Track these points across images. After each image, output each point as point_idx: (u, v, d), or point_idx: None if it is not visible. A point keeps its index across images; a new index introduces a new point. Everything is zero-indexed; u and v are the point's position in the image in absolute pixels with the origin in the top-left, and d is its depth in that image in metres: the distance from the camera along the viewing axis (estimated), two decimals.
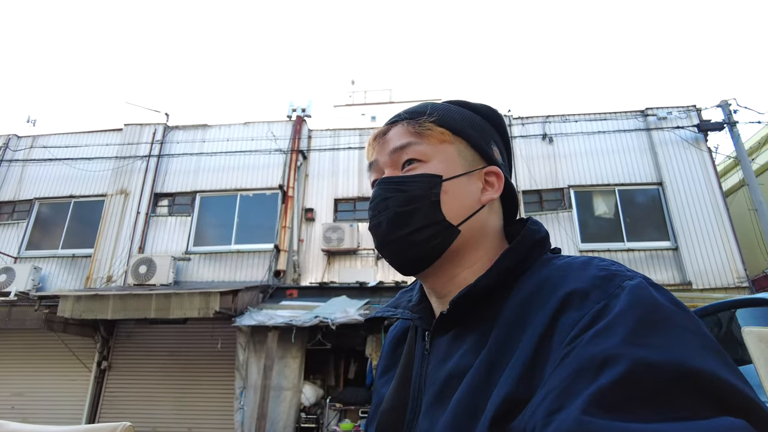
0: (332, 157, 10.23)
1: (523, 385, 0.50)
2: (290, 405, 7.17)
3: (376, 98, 16.77)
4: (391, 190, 0.70)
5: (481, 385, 0.56)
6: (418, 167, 0.71)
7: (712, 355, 0.43)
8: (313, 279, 9.12)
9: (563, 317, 0.51)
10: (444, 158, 0.71)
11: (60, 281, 9.56)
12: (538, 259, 0.66)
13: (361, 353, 7.61)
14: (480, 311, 0.64)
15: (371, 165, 0.78)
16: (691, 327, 0.46)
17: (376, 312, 0.85)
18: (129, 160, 10.31)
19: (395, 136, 0.74)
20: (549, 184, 9.48)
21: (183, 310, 7.10)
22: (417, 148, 0.72)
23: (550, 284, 0.57)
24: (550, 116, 9.99)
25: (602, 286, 0.52)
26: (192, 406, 8.47)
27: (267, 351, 7.11)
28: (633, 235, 8.96)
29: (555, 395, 0.44)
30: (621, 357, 0.43)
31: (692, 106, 9.62)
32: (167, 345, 8.86)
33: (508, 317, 0.59)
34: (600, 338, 0.45)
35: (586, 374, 0.43)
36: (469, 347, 0.62)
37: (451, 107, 0.77)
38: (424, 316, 0.74)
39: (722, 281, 8.27)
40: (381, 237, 0.71)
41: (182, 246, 9.58)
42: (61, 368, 8.83)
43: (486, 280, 0.64)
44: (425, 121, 0.73)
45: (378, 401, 0.78)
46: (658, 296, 0.49)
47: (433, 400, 0.62)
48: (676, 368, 0.41)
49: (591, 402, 0.41)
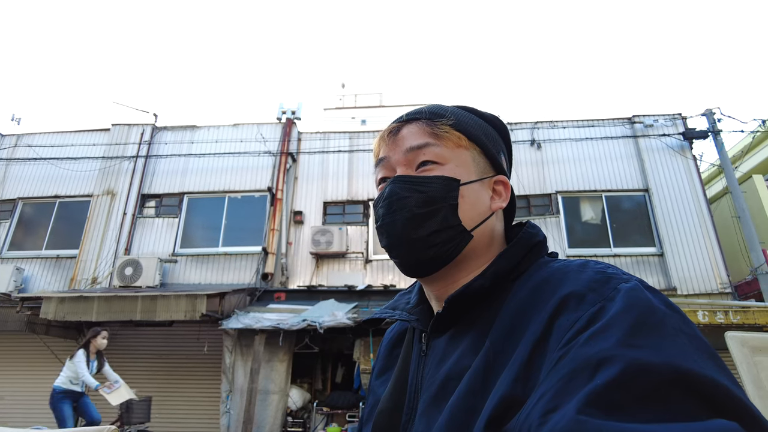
0: (322, 160, 10.21)
1: (519, 386, 0.51)
2: (277, 409, 7.12)
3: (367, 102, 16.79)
4: (409, 190, 0.69)
5: (479, 386, 0.56)
6: (435, 169, 0.70)
7: (706, 357, 0.44)
8: (302, 282, 9.08)
9: (560, 319, 0.52)
10: (460, 163, 0.71)
11: (43, 282, 9.41)
12: (535, 261, 0.67)
13: (349, 357, 7.59)
14: (477, 312, 0.65)
15: (380, 161, 0.76)
16: (685, 330, 0.47)
17: (374, 313, 0.85)
18: (116, 161, 10.20)
19: (410, 135, 0.73)
20: (537, 189, 9.55)
21: (169, 313, 7.03)
22: (434, 150, 0.71)
23: (547, 287, 0.58)
24: (538, 122, 10.08)
25: (598, 288, 0.53)
26: (177, 410, 8.36)
27: (254, 354, 7.06)
28: (619, 241, 9.06)
29: (551, 396, 0.45)
30: (616, 358, 0.43)
31: (678, 114, 9.77)
32: (152, 348, 8.76)
33: (506, 319, 0.59)
34: (595, 340, 0.46)
35: (581, 375, 0.44)
36: (466, 349, 0.62)
37: (464, 113, 0.77)
38: (422, 317, 0.75)
39: (706, 287, 8.39)
40: (395, 236, 0.70)
41: (169, 248, 9.48)
42: (43, 371, 8.66)
43: (481, 280, 0.64)
44: (443, 124, 0.72)
45: (374, 402, 0.78)
46: (653, 299, 0.50)
47: (430, 401, 0.62)
48: (670, 370, 0.42)
49: (586, 402, 0.41)
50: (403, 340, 0.82)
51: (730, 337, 1.59)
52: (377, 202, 0.74)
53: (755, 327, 6.71)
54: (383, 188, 0.74)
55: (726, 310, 6.94)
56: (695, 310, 6.91)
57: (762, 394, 1.42)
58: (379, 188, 0.76)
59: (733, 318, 6.79)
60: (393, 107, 15.41)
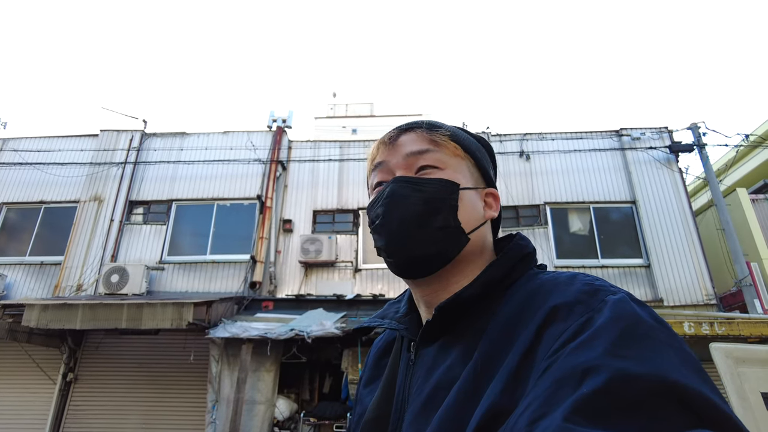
0: (312, 169, 10.20)
1: (506, 395, 0.51)
2: (263, 419, 7.03)
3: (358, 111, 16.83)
4: (411, 189, 0.71)
5: (468, 397, 0.56)
6: (434, 173, 0.73)
7: (692, 370, 0.44)
8: (290, 291, 9.02)
9: (548, 331, 0.53)
10: (458, 169, 0.74)
11: (26, 289, 9.24)
12: (524, 272, 0.68)
13: (337, 367, 7.53)
14: (466, 322, 0.65)
15: (377, 166, 0.78)
16: (671, 342, 0.47)
17: (363, 322, 0.85)
18: (104, 167, 10.09)
19: (410, 142, 0.75)
20: (525, 200, 9.62)
21: (155, 321, 6.93)
22: (434, 155, 0.74)
23: (537, 298, 0.58)
24: (527, 134, 10.18)
25: (586, 301, 0.53)
26: (162, 420, 8.23)
27: (240, 364, 6.98)
28: (607, 252, 9.14)
29: (538, 404, 0.45)
30: (602, 367, 0.44)
31: (664, 128, 9.93)
32: (138, 356, 8.62)
33: (495, 330, 0.60)
34: (582, 350, 0.47)
35: (568, 384, 0.44)
36: (455, 359, 0.62)
37: (457, 129, 0.80)
38: (411, 326, 0.75)
39: (692, 298, 8.48)
40: (395, 233, 0.70)
41: (156, 255, 9.38)
42: (24, 380, 8.49)
43: (471, 289, 0.65)
44: (441, 134, 0.75)
45: (361, 411, 0.78)
46: (640, 311, 0.50)
47: (418, 411, 0.62)
48: (655, 380, 0.42)
49: (573, 410, 0.42)
50: (391, 349, 0.82)
51: (714, 348, 1.61)
52: (374, 203, 0.74)
53: (740, 338, 6.78)
54: (381, 190, 0.74)
55: (711, 322, 7.01)
56: (681, 322, 6.97)
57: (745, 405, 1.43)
58: (375, 191, 0.77)
59: (719, 329, 6.85)
60: (384, 117, 15.47)
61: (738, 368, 1.53)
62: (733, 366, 1.55)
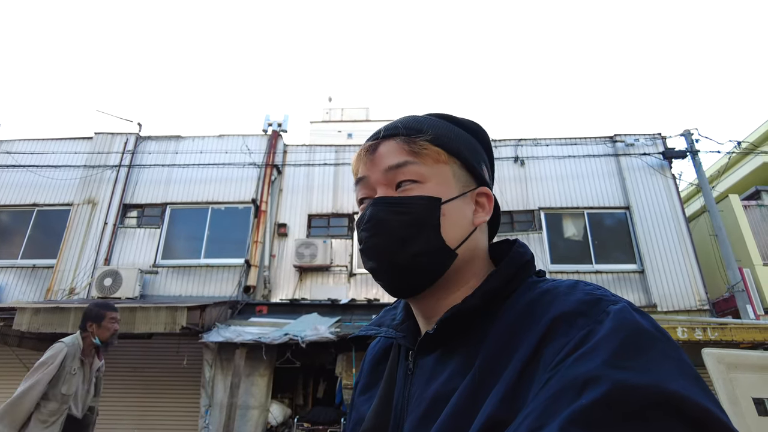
0: (307, 173, 10.19)
1: (506, 406, 0.51)
2: (257, 424, 6.99)
3: (353, 116, 16.87)
4: (390, 212, 0.68)
5: (467, 408, 0.56)
6: (415, 188, 0.69)
7: (691, 380, 0.44)
8: (284, 295, 8.99)
9: (549, 344, 0.52)
10: (441, 180, 0.70)
11: (18, 293, 9.16)
12: (524, 281, 0.67)
13: (331, 372, 7.50)
14: (466, 333, 0.64)
15: (359, 180, 0.75)
16: (671, 353, 0.47)
17: (360, 331, 0.84)
18: (98, 170, 10.05)
19: (388, 154, 0.71)
20: (520, 205, 9.65)
21: (148, 325, 6.88)
22: (414, 168, 0.69)
23: (537, 308, 0.58)
24: (522, 139, 10.22)
25: (587, 311, 0.53)
26: (155, 425, 8.16)
27: (234, 368, 6.94)
28: (601, 258, 9.18)
29: (536, 415, 0.45)
30: (602, 378, 0.43)
31: (658, 134, 10.00)
32: (130, 361, 8.55)
33: (495, 340, 0.59)
34: (582, 361, 0.47)
35: (567, 395, 0.44)
36: (455, 369, 0.62)
37: (442, 123, 0.75)
38: (408, 335, 0.74)
39: (685, 304, 8.52)
40: (378, 261, 0.69)
41: (150, 259, 9.33)
42: (14, 385, 8.28)
43: (473, 300, 0.64)
44: (422, 140, 0.71)
45: (357, 419, 0.77)
46: (641, 321, 0.50)
47: (417, 421, 0.62)
48: (655, 391, 0.42)
49: (571, 420, 0.42)
50: (387, 355, 0.80)
51: (706, 353, 1.62)
52: (359, 223, 0.72)
53: (732, 344, 6.81)
54: (364, 209, 0.72)
55: (704, 327, 7.04)
56: (675, 327, 7.00)
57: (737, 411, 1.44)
58: (360, 208, 0.75)
59: (711, 335, 6.88)
60: (379, 121, 15.51)
61: (730, 374, 1.54)
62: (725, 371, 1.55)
